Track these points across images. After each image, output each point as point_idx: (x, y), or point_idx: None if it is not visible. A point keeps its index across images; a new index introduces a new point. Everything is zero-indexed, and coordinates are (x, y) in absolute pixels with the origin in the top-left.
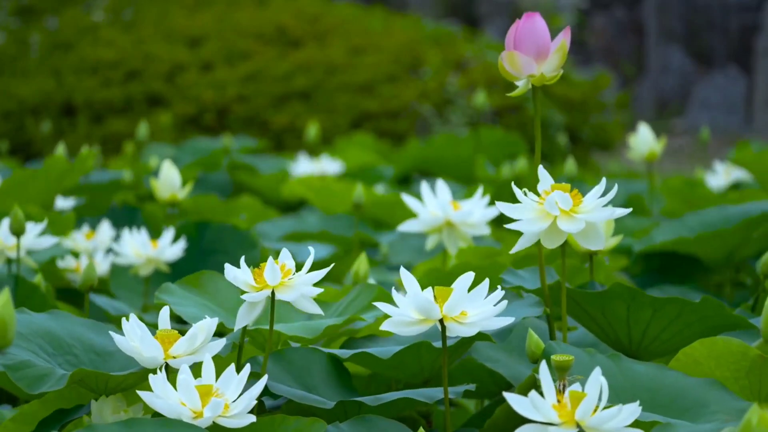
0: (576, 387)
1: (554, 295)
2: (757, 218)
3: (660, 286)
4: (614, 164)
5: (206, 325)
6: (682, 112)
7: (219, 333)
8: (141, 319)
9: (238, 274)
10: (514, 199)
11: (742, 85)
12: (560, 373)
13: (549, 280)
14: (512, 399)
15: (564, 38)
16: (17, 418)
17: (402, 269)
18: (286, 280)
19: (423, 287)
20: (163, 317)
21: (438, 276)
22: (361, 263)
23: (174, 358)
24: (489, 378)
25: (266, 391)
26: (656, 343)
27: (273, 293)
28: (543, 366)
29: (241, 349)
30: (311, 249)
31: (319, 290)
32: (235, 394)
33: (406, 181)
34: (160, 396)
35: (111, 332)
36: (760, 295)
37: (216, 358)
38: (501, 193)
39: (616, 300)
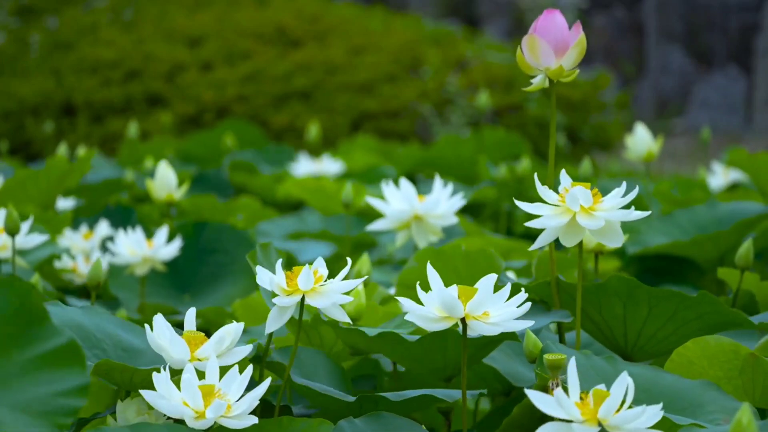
0: (602, 387)
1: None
2: (753, 220)
3: (660, 286)
4: (614, 164)
5: (233, 329)
6: (682, 112)
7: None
8: (130, 319)
9: (271, 276)
10: (517, 198)
11: (742, 85)
12: (553, 372)
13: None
14: (534, 396)
15: (582, 33)
16: None
17: (429, 267)
18: (317, 287)
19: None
20: (189, 319)
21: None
22: (363, 264)
23: (200, 360)
24: (494, 379)
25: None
26: (652, 342)
27: (303, 298)
28: (572, 363)
29: (266, 354)
30: (349, 260)
31: (350, 299)
32: (237, 395)
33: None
34: (164, 396)
35: (147, 326)
36: (740, 288)
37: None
38: (502, 193)
39: (613, 296)
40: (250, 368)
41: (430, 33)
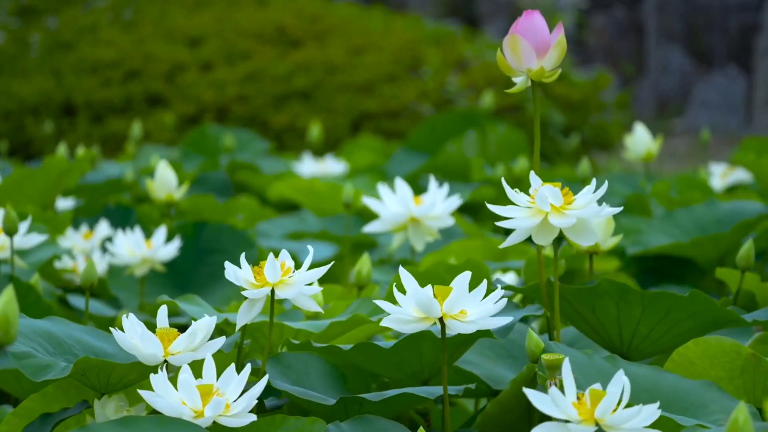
0: (597, 386)
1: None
2: (753, 221)
3: (660, 287)
4: (614, 164)
5: (206, 323)
6: (682, 112)
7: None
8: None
9: (238, 271)
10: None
11: (742, 85)
12: (551, 372)
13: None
14: (532, 395)
15: (561, 33)
16: (18, 413)
17: (401, 268)
18: (285, 278)
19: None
20: (162, 316)
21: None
22: (364, 264)
23: (173, 355)
24: (478, 379)
25: (269, 391)
26: (647, 342)
27: (273, 291)
28: (566, 363)
29: (241, 349)
30: (310, 248)
31: (319, 289)
32: (235, 394)
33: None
34: (161, 395)
35: (111, 329)
36: (741, 288)
37: (217, 356)
38: (502, 192)
39: (605, 297)
40: (248, 367)
41: (430, 33)
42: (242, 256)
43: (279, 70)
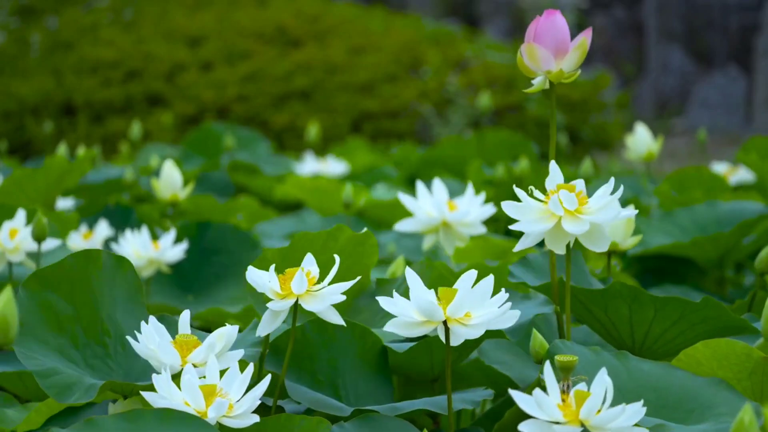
0: (582, 386)
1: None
2: (753, 221)
3: (661, 287)
4: (614, 164)
5: (225, 332)
6: (682, 112)
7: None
8: None
9: (263, 279)
10: (516, 201)
11: (742, 85)
12: (564, 374)
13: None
14: (517, 396)
15: (585, 36)
16: (41, 410)
17: (408, 270)
18: (311, 289)
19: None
20: (183, 322)
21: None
22: (398, 267)
23: (194, 366)
24: (501, 376)
25: (285, 395)
26: (659, 343)
27: (297, 302)
28: (547, 365)
29: (263, 359)
30: (336, 257)
31: (342, 298)
32: (238, 394)
33: (411, 183)
34: (165, 396)
35: (128, 338)
36: (757, 292)
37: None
38: (501, 194)
39: (618, 299)
40: (250, 367)
41: (430, 33)
42: (272, 267)
43: (279, 70)
